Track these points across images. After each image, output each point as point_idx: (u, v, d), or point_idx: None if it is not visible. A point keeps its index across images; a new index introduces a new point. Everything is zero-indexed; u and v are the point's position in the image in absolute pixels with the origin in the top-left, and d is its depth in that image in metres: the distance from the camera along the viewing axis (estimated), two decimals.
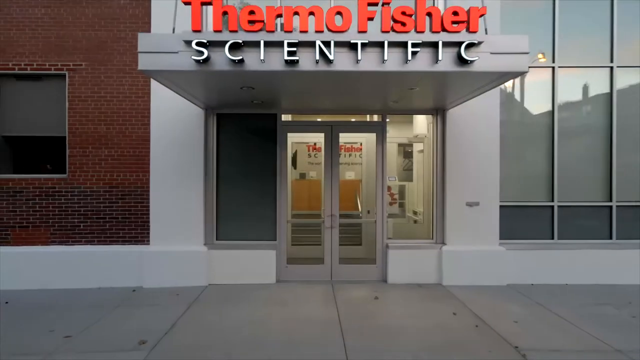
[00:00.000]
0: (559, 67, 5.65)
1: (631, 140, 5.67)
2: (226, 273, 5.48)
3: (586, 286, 5.42)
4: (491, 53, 3.51)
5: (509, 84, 5.69)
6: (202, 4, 3.45)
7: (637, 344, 3.65)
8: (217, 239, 5.62)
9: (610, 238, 5.66)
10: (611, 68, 5.64)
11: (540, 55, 5.66)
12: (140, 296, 5.09)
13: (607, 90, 5.67)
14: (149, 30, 5.44)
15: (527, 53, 3.53)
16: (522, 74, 3.72)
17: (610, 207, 5.66)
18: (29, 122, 5.57)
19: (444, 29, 3.46)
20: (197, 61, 3.47)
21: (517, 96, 5.76)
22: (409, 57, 3.47)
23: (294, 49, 3.45)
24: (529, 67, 5.67)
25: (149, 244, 5.52)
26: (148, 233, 5.53)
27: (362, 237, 6.42)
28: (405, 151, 7.65)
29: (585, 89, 5.74)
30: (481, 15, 3.45)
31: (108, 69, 5.52)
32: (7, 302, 4.86)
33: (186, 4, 3.48)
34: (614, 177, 5.64)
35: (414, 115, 6.38)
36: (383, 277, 5.67)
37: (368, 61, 3.53)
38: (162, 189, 5.47)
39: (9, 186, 5.49)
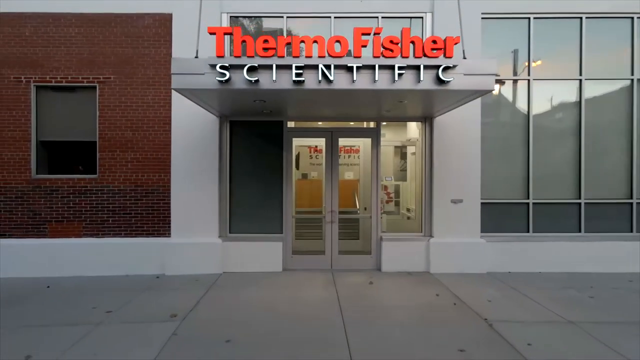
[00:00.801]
0: (534, 79, 6.36)
1: (598, 143, 6.38)
2: (238, 262, 6.20)
3: (557, 274, 6.13)
4: (464, 74, 4.23)
5: (489, 95, 6.38)
6: (225, 34, 4.16)
7: (587, 317, 4.36)
8: (230, 232, 6.34)
9: (579, 231, 6.37)
10: (580, 80, 6.35)
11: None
12: (163, 282, 5.81)
13: (577, 99, 6.38)
14: (170, 49, 6.16)
15: (494, 74, 4.24)
16: (490, 92, 4.41)
17: (579, 203, 6.37)
18: (64, 128, 6.29)
19: (424, 55, 4.18)
20: (220, 81, 4.18)
21: (497, 105, 6.46)
22: (396, 78, 4.18)
23: (301, 71, 4.17)
24: (509, 79, 6.41)
25: (170, 236, 6.23)
26: (169, 227, 6.25)
27: (359, 231, 7.12)
28: (402, 153, 8.34)
29: (557, 98, 6.45)
30: (455, 44, 4.16)
31: (134, 82, 6.24)
32: (48, 287, 5.58)
33: (211, 33, 4.20)
34: (582, 177, 6.35)
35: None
36: (377, 266, 6.39)
37: (362, 81, 4.24)
38: (182, 187, 6.18)
39: (46, 185, 6.20)
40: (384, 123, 6.55)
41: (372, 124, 6.56)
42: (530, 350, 3.56)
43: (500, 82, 6.40)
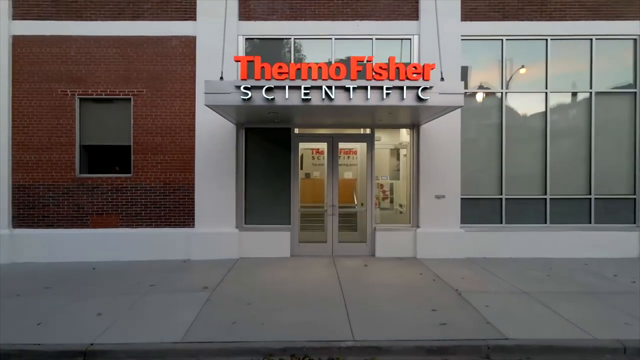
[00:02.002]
0: (506, 92, 7.40)
1: (561, 146, 7.41)
2: (252, 249, 7.23)
3: (525, 259, 7.15)
4: (439, 93, 5.26)
5: (468, 106, 7.40)
6: (248, 61, 5.20)
7: (540, 289, 5.39)
8: (245, 224, 7.38)
9: (545, 223, 7.40)
10: (546, 93, 7.39)
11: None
12: (190, 265, 6.86)
13: (543, 109, 7.41)
14: (194, 66, 7.19)
15: (462, 93, 5.28)
16: (460, 107, 5.45)
17: (545, 199, 7.40)
18: (103, 134, 7.34)
19: (407, 78, 5.21)
20: (243, 99, 5.23)
21: (475, 114, 7.48)
22: (384, 96, 5.22)
23: (308, 91, 5.21)
24: (485, 91, 7.45)
25: (194, 227, 7.27)
26: (193, 219, 7.29)
27: (356, 223, 8.14)
28: (397, 155, 9.37)
29: (527, 108, 7.47)
30: (432, 69, 5.20)
31: (163, 94, 7.28)
32: (94, 268, 6.63)
33: (236, 60, 5.24)
34: (547, 176, 7.38)
35: None
36: (372, 253, 7.43)
37: (357, 98, 5.28)
38: (204, 185, 7.22)
39: (88, 183, 7.25)
40: (378, 131, 7.59)
41: (367, 131, 7.60)
42: (486, 309, 4.61)
43: (478, 94, 7.44)
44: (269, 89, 5.20)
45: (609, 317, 4.43)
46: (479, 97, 7.48)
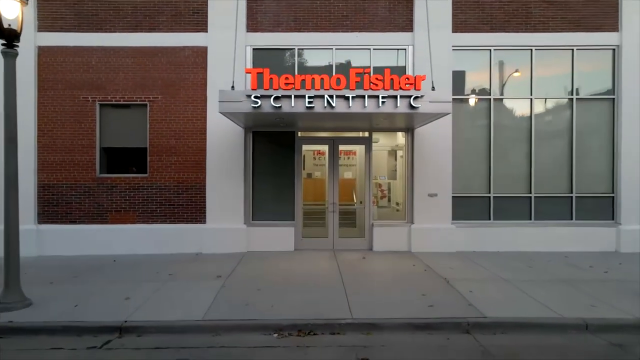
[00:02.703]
0: (494, 98, 7.99)
1: (545, 148, 8.00)
2: (259, 243, 7.83)
3: (511, 252, 7.73)
4: (430, 102, 5.86)
5: (459, 111, 7.97)
6: (258, 73, 5.80)
7: (519, 277, 5.98)
8: (252, 220, 7.97)
9: (530, 219, 7.99)
10: (531, 99, 7.98)
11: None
12: (202, 258, 7.46)
13: (528, 114, 8.00)
14: (205, 74, 7.78)
15: (450, 102, 5.87)
16: (448, 114, 6.04)
17: (530, 197, 8.00)
18: (121, 137, 7.94)
19: (400, 88, 5.81)
20: (253, 107, 5.82)
21: (465, 118, 8.06)
22: (380, 104, 5.82)
23: (312, 99, 5.80)
24: (474, 97, 8.03)
25: (205, 223, 7.86)
26: (204, 215, 7.88)
27: (355, 220, 8.74)
28: (395, 155, 9.95)
29: (513, 113, 8.07)
30: (423, 80, 5.79)
31: (176, 100, 7.87)
32: (114, 260, 7.23)
33: (247, 72, 5.84)
34: (532, 176, 7.97)
35: None
36: (370, 247, 8.02)
37: (356, 106, 5.87)
38: (214, 184, 7.82)
39: (108, 182, 7.85)
40: (376, 133, 8.19)
41: (365, 134, 8.19)
42: (469, 294, 5.21)
43: (468, 100, 8.03)
44: (276, 98, 5.80)
45: (578, 300, 5.02)
46: (469, 103, 8.06)
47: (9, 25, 4.78)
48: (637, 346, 3.94)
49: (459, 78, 7.93)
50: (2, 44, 4.79)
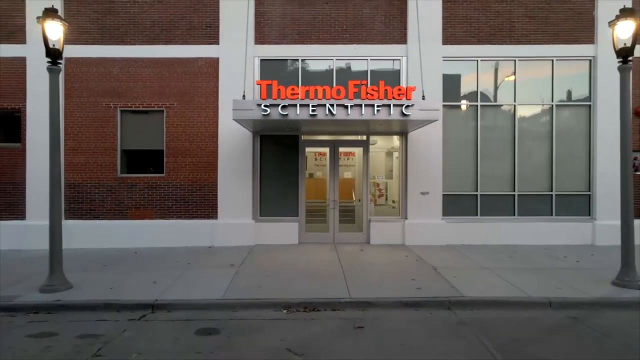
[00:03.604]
0: (481, 105, 8.73)
1: (528, 150, 8.74)
2: (266, 237, 8.57)
3: (496, 245, 8.45)
4: (420, 110, 6.61)
5: (448, 116, 8.70)
6: (267, 85, 6.55)
7: (499, 266, 6.73)
8: (260, 216, 8.72)
9: (514, 215, 8.74)
10: (514, 105, 8.73)
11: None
12: (215, 250, 8.21)
13: (512, 119, 8.75)
14: (217, 83, 8.53)
15: (438, 109, 6.62)
16: (436, 121, 6.79)
17: (514, 195, 8.74)
18: (140, 140, 8.69)
19: (393, 98, 6.56)
20: (263, 115, 6.57)
21: (455, 123, 8.80)
22: (375, 112, 6.56)
23: (315, 108, 6.55)
24: (463, 104, 8.77)
25: (217, 218, 8.61)
26: (216, 211, 8.63)
27: (354, 216, 9.47)
28: (392, 157, 10.68)
29: (498, 118, 8.82)
30: (413, 91, 6.54)
31: (191, 107, 8.62)
32: (135, 252, 7.98)
33: (258, 84, 6.59)
34: (516, 175, 8.72)
35: None
36: (367, 240, 8.77)
37: (354, 114, 6.62)
38: (225, 183, 8.56)
39: (128, 182, 8.60)
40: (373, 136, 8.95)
41: (363, 137, 8.94)
42: (453, 279, 5.96)
43: (457, 106, 8.77)
44: (284, 107, 6.55)
45: (547, 284, 5.77)
46: (458, 109, 8.80)
47: (54, 45, 5.54)
48: (589, 319, 4.69)
49: (448, 86, 8.67)
50: (48, 62, 5.54)
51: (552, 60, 8.68)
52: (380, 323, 4.58)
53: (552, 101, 8.72)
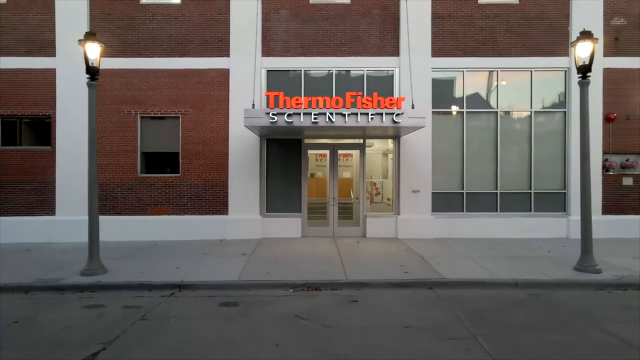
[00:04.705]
0: (467, 111, 9.64)
1: (509, 152, 9.64)
2: (272, 231, 9.48)
3: (480, 239, 9.32)
4: (409, 117, 7.51)
5: (437, 121, 9.60)
6: (275, 96, 7.46)
7: (479, 255, 7.63)
8: (266, 212, 9.63)
9: (497, 211, 9.64)
10: (497, 112, 9.63)
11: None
12: (226, 242, 9.11)
13: (495, 124, 9.65)
14: (227, 92, 9.43)
15: (424, 117, 7.53)
16: (423, 127, 7.70)
17: (497, 193, 9.64)
18: (158, 143, 9.60)
19: (385, 107, 7.46)
20: (271, 122, 7.47)
21: (443, 128, 9.69)
22: (369, 120, 7.47)
23: (316, 116, 7.45)
24: (451, 111, 9.67)
25: (227, 214, 9.52)
26: (227, 208, 9.53)
27: (352, 212, 10.37)
28: (388, 158, 11.55)
29: (482, 123, 9.71)
30: (403, 101, 7.44)
31: (204, 113, 9.52)
32: (155, 244, 8.88)
33: (266, 95, 7.49)
34: (498, 175, 9.62)
35: None
36: (363, 234, 9.68)
37: (351, 121, 7.51)
38: (235, 183, 9.46)
39: (147, 181, 9.50)
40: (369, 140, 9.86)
41: (360, 141, 9.85)
42: (437, 265, 6.86)
43: (445, 113, 9.68)
44: (289, 115, 7.46)
45: (518, 269, 6.67)
46: (446, 115, 9.71)
47: (92, 63, 6.45)
48: (546, 295, 5.59)
49: (437, 94, 9.57)
50: (87, 77, 6.47)
51: (531, 71, 9.59)
52: (371, 298, 5.49)
53: (531, 108, 9.62)
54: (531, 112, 9.63)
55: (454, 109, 9.69)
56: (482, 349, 3.86)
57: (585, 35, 6.44)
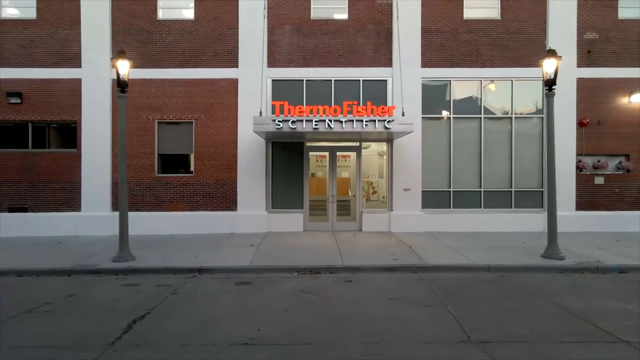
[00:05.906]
0: (454, 117, 10.61)
1: (492, 154, 10.61)
2: (277, 225, 10.46)
3: (465, 232, 10.28)
4: (399, 124, 8.49)
5: (427, 126, 10.56)
6: (280, 105, 8.44)
7: (461, 246, 8.60)
8: (272, 208, 10.61)
9: (480, 207, 10.61)
10: (481, 117, 10.61)
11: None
12: (236, 236, 10.09)
13: (479, 128, 10.62)
14: (236, 99, 10.41)
15: (412, 124, 8.51)
16: (412, 132, 8.68)
17: (481, 191, 10.62)
18: (173, 146, 10.58)
19: (378, 114, 8.44)
20: (277, 128, 8.45)
21: (432, 132, 10.67)
22: (364, 126, 8.44)
23: (317, 123, 8.43)
24: (440, 116, 10.65)
25: (236, 210, 10.49)
26: (236, 205, 10.51)
27: (350, 209, 11.34)
28: (383, 159, 12.51)
29: (467, 128, 10.69)
30: (394, 109, 8.42)
31: (215, 119, 10.50)
32: (172, 237, 9.87)
33: (273, 104, 8.47)
34: (482, 174, 10.60)
35: None
36: (360, 228, 10.66)
37: (347, 127, 8.49)
38: (243, 182, 10.44)
39: (163, 180, 10.48)
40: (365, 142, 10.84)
41: (356, 143, 10.83)
42: (423, 254, 7.84)
43: (433, 119, 10.66)
44: (293, 122, 8.43)
45: (493, 257, 7.64)
46: (435, 120, 10.69)
47: (123, 78, 7.44)
48: (513, 277, 6.57)
49: (426, 101, 10.55)
50: (118, 89, 7.45)
51: (512, 80, 10.56)
52: (364, 279, 6.47)
53: (512, 113, 10.60)
54: (512, 117, 10.60)
55: (442, 114, 10.67)
56: (449, 312, 4.84)
57: (551, 53, 7.42)
